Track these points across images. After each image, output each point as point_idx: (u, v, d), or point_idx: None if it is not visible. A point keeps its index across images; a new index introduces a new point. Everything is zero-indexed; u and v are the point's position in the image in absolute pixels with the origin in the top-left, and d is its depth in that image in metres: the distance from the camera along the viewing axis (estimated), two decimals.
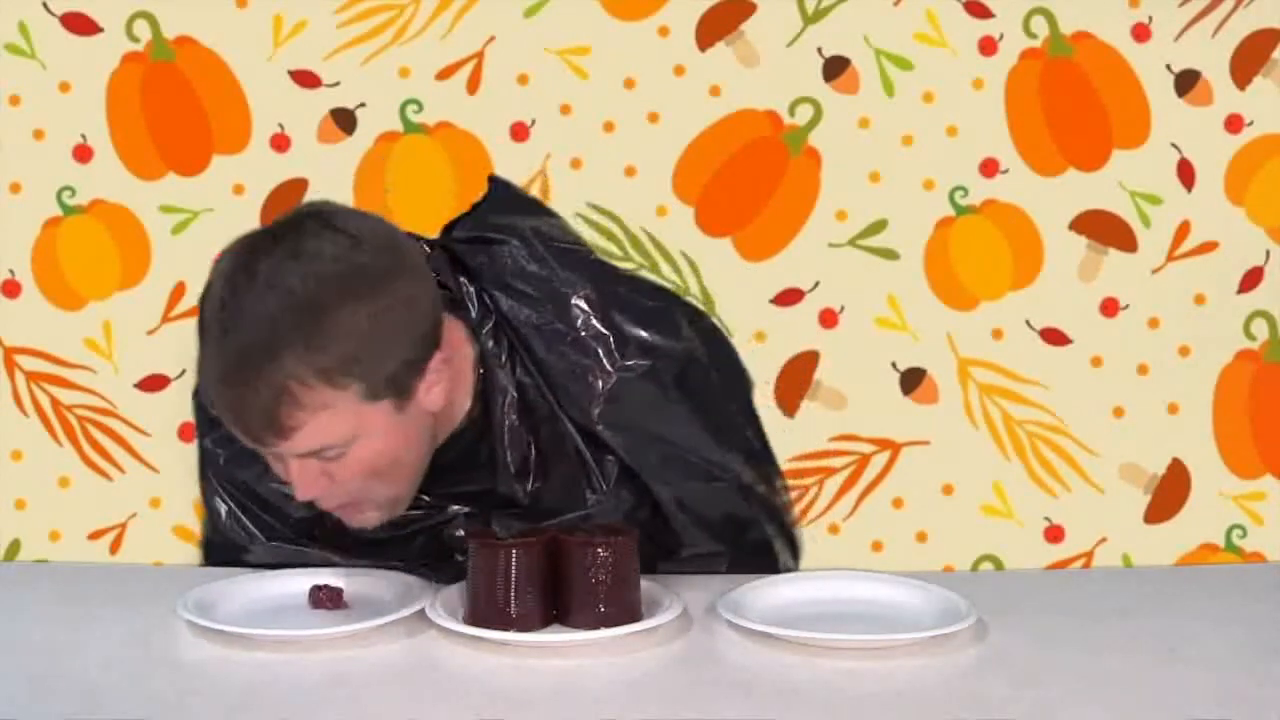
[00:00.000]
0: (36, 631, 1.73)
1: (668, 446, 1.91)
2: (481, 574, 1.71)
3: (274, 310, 1.70)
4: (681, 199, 2.82)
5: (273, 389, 1.70)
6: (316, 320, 1.70)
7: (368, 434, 1.76)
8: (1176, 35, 2.80)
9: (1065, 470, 2.87)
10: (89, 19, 2.78)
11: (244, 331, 1.70)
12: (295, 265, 1.72)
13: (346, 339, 1.71)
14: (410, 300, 1.77)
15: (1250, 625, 1.73)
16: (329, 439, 1.74)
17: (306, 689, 1.61)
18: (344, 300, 1.71)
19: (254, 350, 1.70)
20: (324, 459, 1.76)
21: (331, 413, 1.72)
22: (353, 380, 1.72)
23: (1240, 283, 2.84)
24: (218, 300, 1.73)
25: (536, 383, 1.90)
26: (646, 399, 1.90)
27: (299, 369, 1.69)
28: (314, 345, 1.70)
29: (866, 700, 1.57)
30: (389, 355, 1.74)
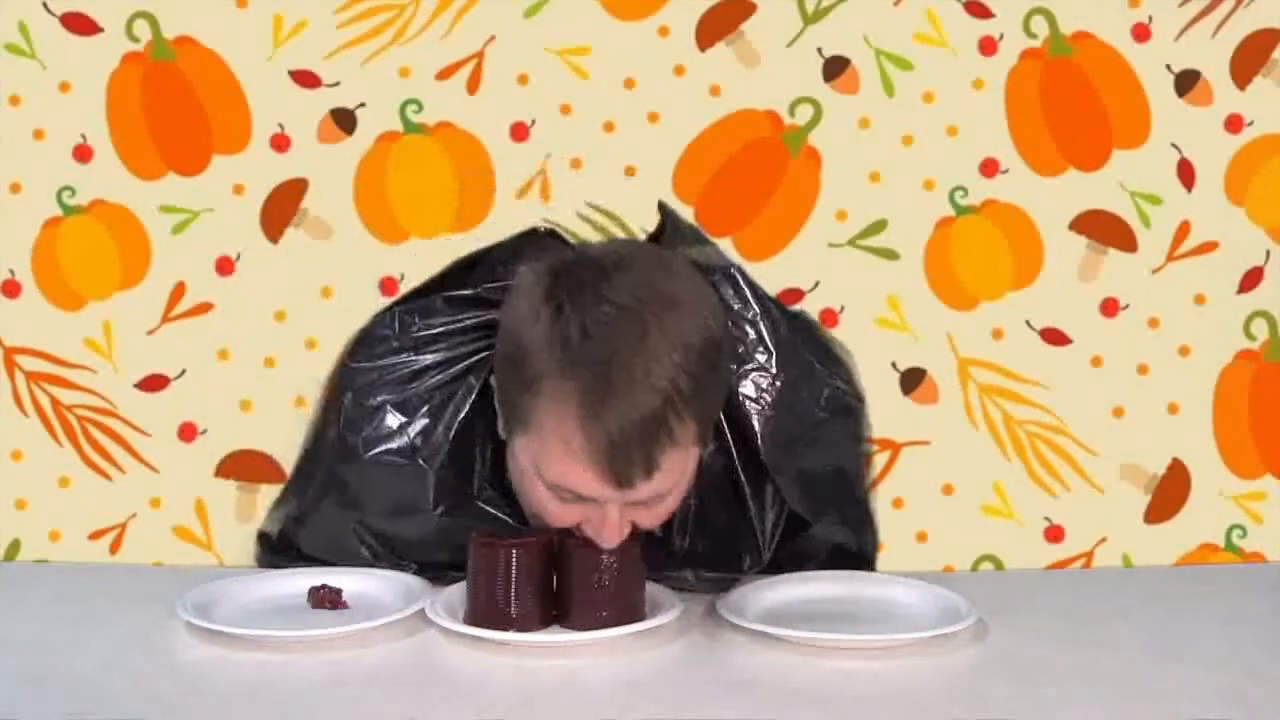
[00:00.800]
0: (36, 631, 1.73)
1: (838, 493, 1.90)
2: (482, 574, 1.71)
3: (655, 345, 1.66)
4: (681, 199, 2.81)
5: (654, 419, 1.65)
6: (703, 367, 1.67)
7: (688, 477, 1.73)
8: (1176, 35, 2.80)
9: (1065, 470, 2.87)
10: (89, 19, 2.78)
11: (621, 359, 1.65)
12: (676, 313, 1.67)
13: (701, 369, 1.68)
14: (729, 343, 1.74)
15: (1250, 625, 1.73)
16: (678, 480, 1.71)
17: (306, 689, 1.60)
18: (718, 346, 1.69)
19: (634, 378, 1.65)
20: (646, 504, 1.72)
21: (682, 451, 1.69)
22: (698, 416, 1.69)
23: (1240, 283, 2.84)
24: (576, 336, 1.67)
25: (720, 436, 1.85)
26: (833, 447, 1.89)
27: (675, 397, 1.65)
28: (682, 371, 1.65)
29: (866, 700, 1.57)
30: (719, 395, 1.73)
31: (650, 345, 1.65)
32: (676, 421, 1.66)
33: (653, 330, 1.66)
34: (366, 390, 1.89)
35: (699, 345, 1.67)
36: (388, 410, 1.86)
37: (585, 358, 1.65)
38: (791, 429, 1.85)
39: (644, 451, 1.65)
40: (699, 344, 1.67)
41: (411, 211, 2.80)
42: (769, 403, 1.85)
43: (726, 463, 1.85)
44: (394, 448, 1.85)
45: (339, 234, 2.80)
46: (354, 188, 2.80)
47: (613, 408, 1.64)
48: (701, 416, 1.69)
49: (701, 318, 1.69)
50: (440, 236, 2.80)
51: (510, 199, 2.80)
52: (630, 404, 1.64)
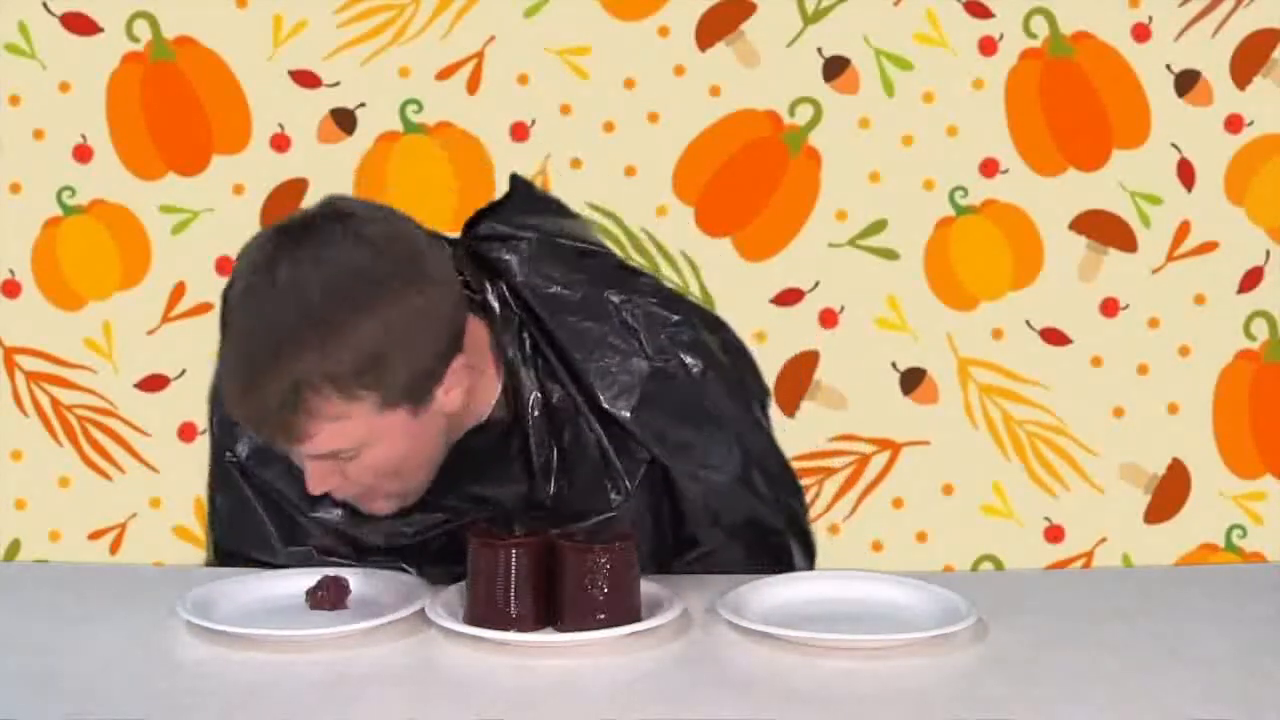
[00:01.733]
0: (36, 631, 1.73)
1: (696, 445, 1.91)
2: (481, 574, 1.71)
3: (292, 319, 1.70)
4: (681, 199, 2.82)
5: (286, 397, 1.70)
6: (333, 332, 1.70)
7: (381, 439, 1.76)
8: (1176, 35, 2.80)
9: (1065, 470, 2.87)
10: (89, 19, 2.78)
11: (261, 338, 1.70)
12: (314, 273, 1.71)
13: (361, 351, 1.70)
14: (428, 310, 1.75)
15: (1250, 625, 1.73)
16: (342, 444, 1.74)
17: (306, 689, 1.60)
18: (361, 313, 1.71)
19: (270, 358, 1.70)
20: (341, 459, 1.76)
21: (345, 422, 1.72)
22: (367, 391, 1.72)
23: (1240, 283, 2.84)
24: (237, 302, 1.74)
25: (561, 382, 1.89)
26: (678, 395, 1.90)
27: (314, 379, 1.69)
28: (330, 357, 1.69)
29: (866, 700, 1.57)
30: (404, 366, 1.74)
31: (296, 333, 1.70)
32: (318, 399, 1.70)
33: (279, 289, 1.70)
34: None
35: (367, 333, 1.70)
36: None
37: (238, 324, 1.73)
38: (626, 382, 1.89)
39: (280, 422, 1.71)
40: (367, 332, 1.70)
41: (411, 211, 2.79)
42: (601, 359, 1.89)
43: (576, 408, 1.89)
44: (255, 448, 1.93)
45: None
46: (354, 188, 2.80)
47: (247, 383, 1.71)
48: (376, 389, 1.72)
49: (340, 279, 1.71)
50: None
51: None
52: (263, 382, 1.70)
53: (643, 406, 1.89)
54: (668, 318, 1.92)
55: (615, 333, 1.90)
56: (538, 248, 1.92)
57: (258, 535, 1.94)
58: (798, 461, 2.79)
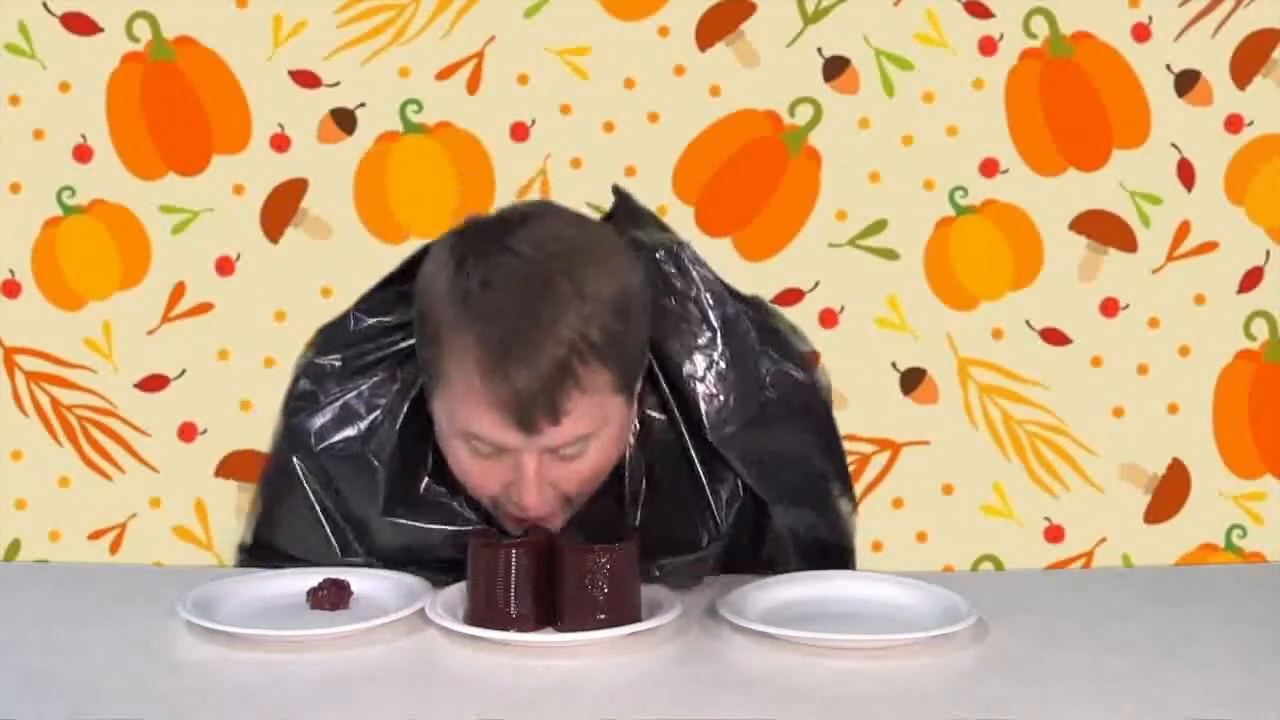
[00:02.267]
0: (36, 631, 1.73)
1: (795, 474, 1.89)
2: (481, 574, 1.71)
3: (553, 288, 1.66)
4: (681, 199, 2.81)
5: (555, 365, 1.65)
6: (591, 295, 1.67)
7: (610, 428, 1.73)
8: (1176, 35, 2.80)
9: (1065, 470, 2.87)
10: (89, 19, 2.78)
11: (521, 310, 1.66)
12: (547, 243, 1.68)
13: (615, 318, 1.68)
14: (646, 294, 1.74)
15: (1250, 625, 1.73)
16: (592, 426, 1.70)
17: (306, 689, 1.60)
18: (603, 274, 1.69)
19: (538, 328, 1.65)
20: (561, 457, 1.72)
21: (596, 397, 1.69)
22: (612, 364, 1.69)
23: (1240, 283, 2.84)
24: (480, 281, 1.68)
25: (668, 407, 1.86)
26: (782, 424, 1.88)
27: (579, 344, 1.65)
28: (591, 321, 1.66)
29: (866, 700, 1.57)
30: (636, 345, 1.72)
31: (556, 295, 1.67)
32: (584, 369, 1.66)
33: (558, 281, 1.67)
34: (321, 383, 1.90)
35: (609, 295, 1.68)
36: (340, 403, 1.88)
37: (486, 307, 1.67)
38: (736, 406, 1.86)
39: (547, 396, 1.66)
40: (609, 294, 1.69)
41: (411, 211, 2.80)
42: (713, 380, 1.85)
43: (677, 439, 1.86)
44: (344, 437, 1.88)
45: (339, 234, 2.80)
46: (354, 188, 2.80)
47: (515, 355, 1.65)
48: (617, 365, 1.70)
49: (612, 269, 1.71)
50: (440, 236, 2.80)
51: (510, 199, 2.80)
52: (534, 351, 1.65)
53: (746, 435, 1.86)
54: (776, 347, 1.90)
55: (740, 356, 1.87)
56: (661, 262, 1.89)
57: (319, 542, 1.91)
58: None
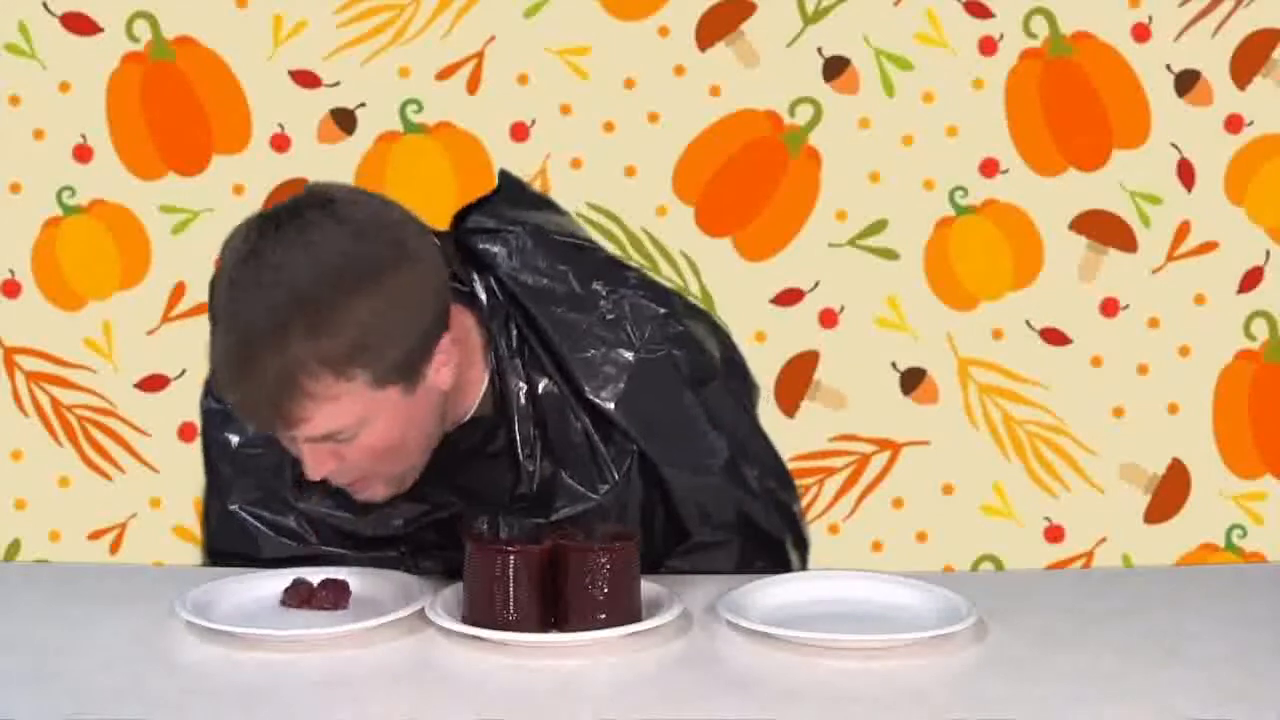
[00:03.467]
0: (36, 631, 1.73)
1: (682, 438, 1.92)
2: (480, 579, 1.71)
3: (280, 303, 1.71)
4: (681, 199, 2.82)
5: (280, 380, 1.71)
6: (322, 313, 1.71)
7: (376, 419, 1.76)
8: (1176, 35, 2.80)
9: (1065, 470, 2.87)
10: (89, 19, 2.78)
11: (250, 324, 1.71)
12: (301, 257, 1.72)
13: (351, 331, 1.71)
14: (414, 288, 1.77)
15: (1250, 625, 1.73)
16: (337, 425, 1.75)
17: (306, 689, 1.60)
18: (348, 293, 1.72)
19: (260, 342, 1.70)
20: (335, 442, 1.76)
21: (339, 402, 1.73)
22: (359, 370, 1.73)
23: (1240, 283, 2.84)
24: (225, 291, 1.75)
25: (548, 373, 1.90)
26: (665, 388, 1.91)
27: (306, 361, 1.70)
28: (321, 337, 1.70)
29: (866, 700, 1.57)
30: (394, 344, 1.75)
31: (259, 283, 1.72)
32: (314, 382, 1.71)
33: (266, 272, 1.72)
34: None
35: (315, 289, 1.71)
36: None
37: (218, 317, 1.74)
38: (611, 367, 1.90)
39: (274, 409, 1.72)
40: (315, 288, 1.71)
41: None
42: (588, 343, 1.90)
43: (564, 400, 1.90)
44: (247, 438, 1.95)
45: None
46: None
47: (238, 370, 1.72)
48: (366, 369, 1.73)
49: (327, 261, 1.73)
50: None
51: None
52: (255, 367, 1.71)
53: (627, 398, 1.90)
54: (655, 310, 1.93)
55: (601, 324, 1.91)
56: (525, 240, 1.93)
57: (244, 533, 1.95)
58: (798, 461, 2.81)
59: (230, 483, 1.96)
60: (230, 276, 1.75)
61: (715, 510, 1.93)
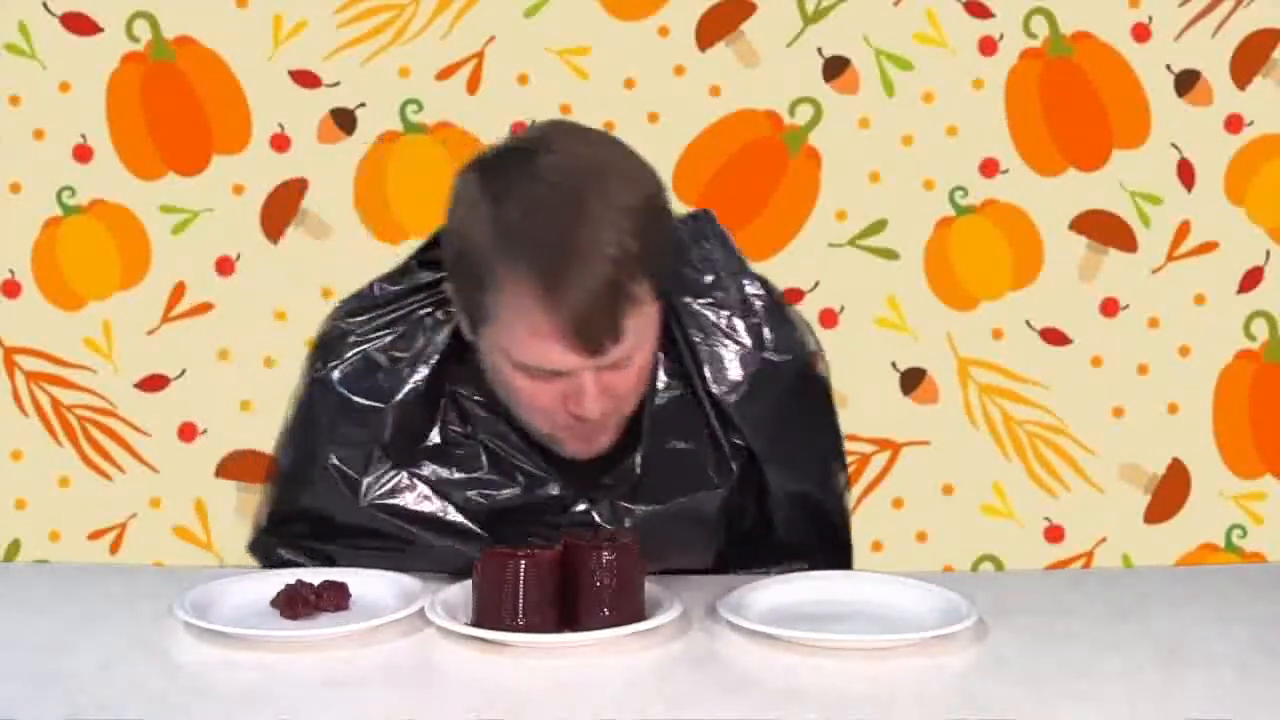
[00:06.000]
0: (36, 631, 1.73)
1: (797, 446, 1.92)
2: (489, 585, 1.71)
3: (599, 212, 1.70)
4: (681, 199, 2.81)
5: (610, 285, 1.69)
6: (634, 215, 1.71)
7: (648, 336, 1.77)
8: (1176, 35, 2.80)
9: (1065, 470, 2.87)
10: (89, 19, 2.78)
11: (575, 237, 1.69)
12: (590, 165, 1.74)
13: (654, 233, 1.73)
14: (665, 200, 1.79)
15: (1250, 625, 1.73)
16: (642, 340, 1.75)
17: (306, 689, 1.60)
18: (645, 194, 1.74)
19: (583, 248, 1.68)
20: (616, 365, 1.75)
21: (645, 311, 1.73)
22: (652, 273, 1.73)
23: (1240, 283, 2.84)
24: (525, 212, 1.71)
25: (681, 357, 1.89)
26: (783, 393, 1.91)
27: (626, 260, 1.69)
28: (628, 234, 1.70)
29: (866, 700, 1.57)
30: (666, 252, 1.77)
31: (592, 214, 1.70)
32: (633, 283, 1.70)
33: (591, 200, 1.71)
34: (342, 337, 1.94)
35: (640, 206, 1.73)
36: (367, 354, 1.91)
37: (532, 239, 1.70)
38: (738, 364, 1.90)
39: (609, 318, 1.70)
40: (639, 204, 1.73)
41: (411, 211, 2.80)
42: (720, 337, 1.90)
43: (688, 387, 1.89)
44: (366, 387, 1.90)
45: (339, 234, 2.80)
46: (354, 188, 2.80)
47: (569, 281, 1.68)
48: (655, 273, 1.74)
49: (634, 179, 1.76)
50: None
51: None
52: (586, 274, 1.69)
53: (749, 397, 1.89)
54: (785, 317, 1.93)
55: (736, 320, 1.91)
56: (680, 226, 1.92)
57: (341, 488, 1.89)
58: None
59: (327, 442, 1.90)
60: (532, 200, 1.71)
61: (810, 517, 1.94)
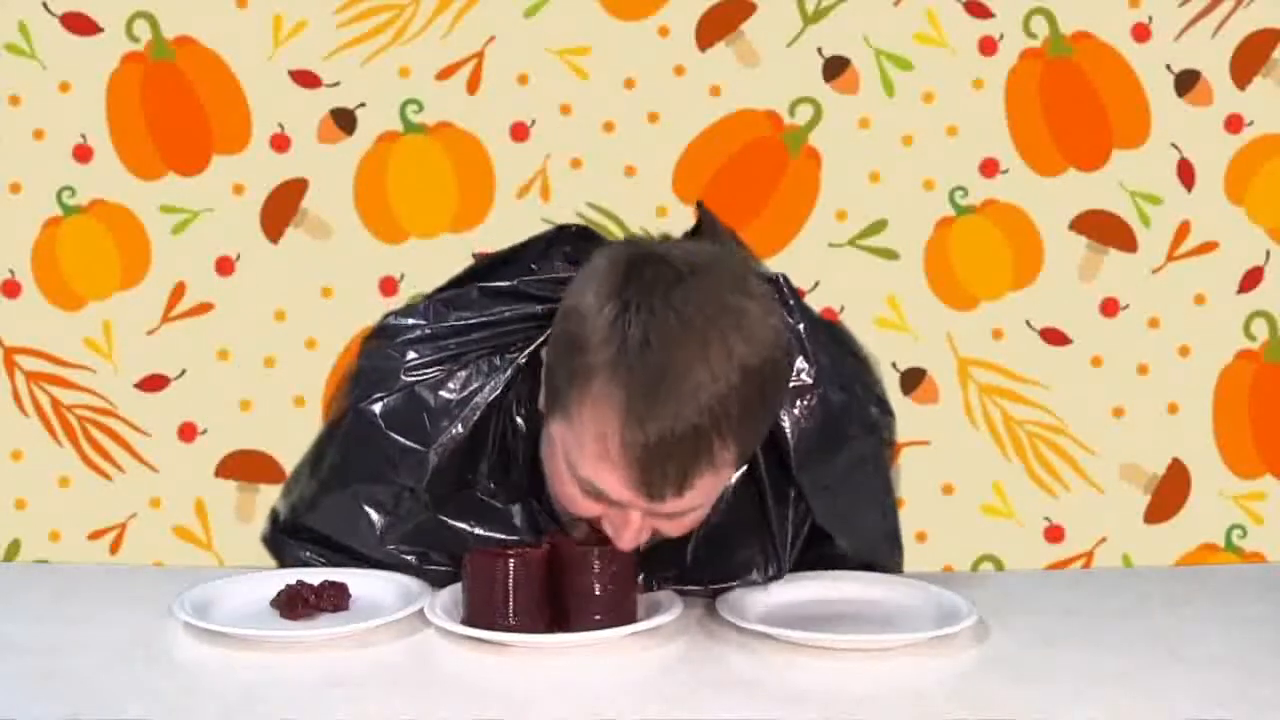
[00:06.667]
0: (36, 631, 1.73)
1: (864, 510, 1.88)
2: (479, 584, 1.71)
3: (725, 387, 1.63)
4: (681, 199, 2.81)
5: (696, 437, 1.63)
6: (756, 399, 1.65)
7: (715, 496, 1.73)
8: (1176, 35, 2.80)
9: (1065, 470, 2.87)
10: (89, 19, 2.78)
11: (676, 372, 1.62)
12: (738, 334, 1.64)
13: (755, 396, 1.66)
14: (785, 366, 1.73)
15: (1250, 625, 1.73)
16: (707, 500, 1.70)
17: (306, 689, 1.61)
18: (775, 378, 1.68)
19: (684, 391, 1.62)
20: (671, 515, 1.70)
21: (720, 476, 1.69)
22: (744, 441, 1.68)
23: (1240, 283, 2.84)
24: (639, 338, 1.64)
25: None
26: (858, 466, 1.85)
27: (721, 419, 1.64)
28: (732, 395, 1.63)
29: (866, 700, 1.57)
30: (767, 422, 1.72)
31: (709, 363, 1.63)
32: (719, 444, 1.64)
33: (714, 349, 1.63)
34: (393, 370, 1.86)
35: (756, 369, 1.65)
36: (415, 390, 1.84)
37: (641, 364, 1.63)
38: (823, 443, 1.82)
39: (679, 467, 1.64)
40: (757, 367, 1.65)
41: (411, 211, 2.80)
42: (803, 416, 1.81)
43: (749, 470, 1.83)
44: (406, 424, 1.83)
45: (339, 234, 2.80)
46: (354, 188, 2.80)
47: (656, 418, 1.62)
48: (745, 441, 1.68)
49: (765, 343, 1.66)
50: (440, 236, 2.80)
51: (510, 199, 2.80)
52: (674, 417, 1.62)
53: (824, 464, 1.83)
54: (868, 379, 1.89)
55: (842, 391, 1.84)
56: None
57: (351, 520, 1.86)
58: None
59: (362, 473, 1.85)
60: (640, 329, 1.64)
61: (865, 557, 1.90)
